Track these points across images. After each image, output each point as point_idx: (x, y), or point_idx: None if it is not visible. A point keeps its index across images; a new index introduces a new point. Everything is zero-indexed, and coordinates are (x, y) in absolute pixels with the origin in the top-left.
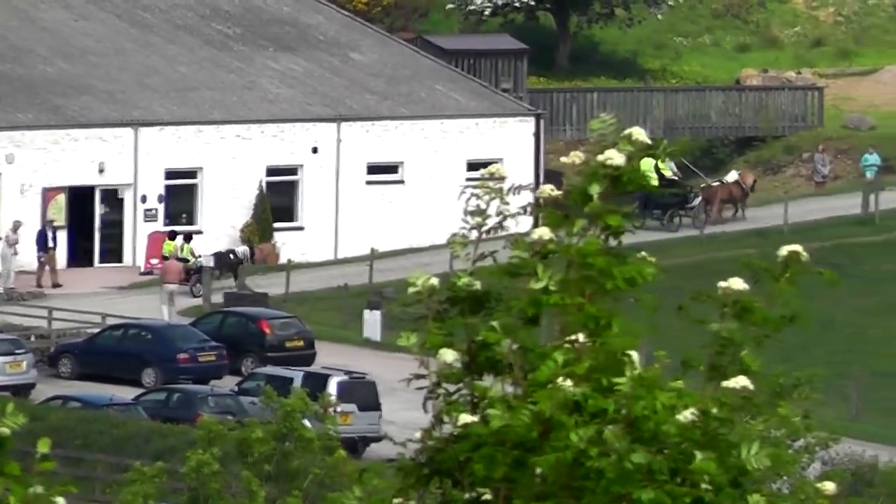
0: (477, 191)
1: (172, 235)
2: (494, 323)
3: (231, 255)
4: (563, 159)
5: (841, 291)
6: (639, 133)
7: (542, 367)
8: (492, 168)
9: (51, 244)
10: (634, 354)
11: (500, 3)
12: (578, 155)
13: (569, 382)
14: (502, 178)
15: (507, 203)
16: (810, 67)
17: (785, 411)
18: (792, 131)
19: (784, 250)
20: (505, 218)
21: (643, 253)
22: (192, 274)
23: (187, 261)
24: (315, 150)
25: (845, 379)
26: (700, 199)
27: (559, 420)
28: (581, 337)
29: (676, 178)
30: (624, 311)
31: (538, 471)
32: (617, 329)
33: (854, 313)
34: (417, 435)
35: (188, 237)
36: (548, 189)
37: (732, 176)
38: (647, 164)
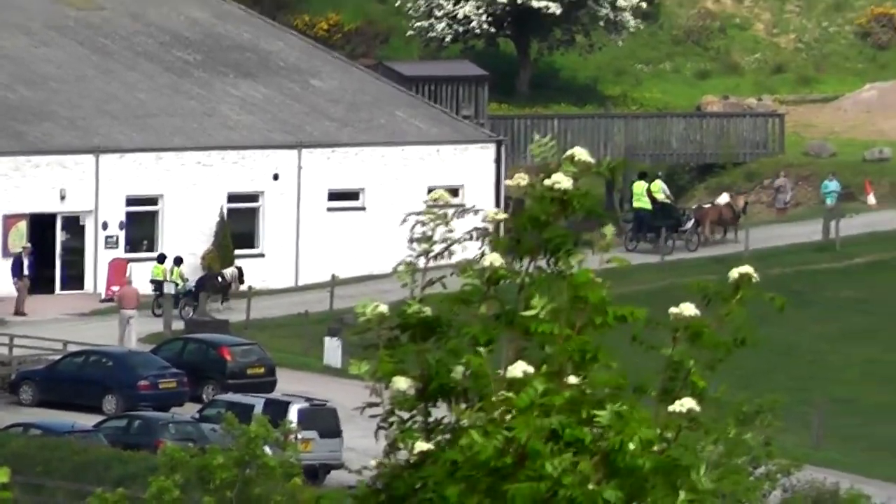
0: (422, 217)
1: (161, 259)
2: (453, 349)
3: (219, 279)
4: (508, 182)
5: (802, 318)
6: (581, 153)
7: (521, 394)
8: (435, 194)
9: (26, 272)
10: None
11: (460, 29)
12: (523, 177)
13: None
14: (448, 205)
15: (451, 230)
16: (771, 94)
17: (734, 431)
18: (753, 158)
19: (735, 272)
20: (451, 244)
21: (598, 279)
22: (181, 297)
23: (176, 284)
24: (276, 177)
25: (807, 406)
26: (693, 221)
27: (535, 448)
28: (567, 369)
29: (669, 200)
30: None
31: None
32: (603, 362)
33: (815, 340)
34: (373, 463)
35: (178, 261)
36: (493, 213)
37: (724, 198)
38: (639, 187)
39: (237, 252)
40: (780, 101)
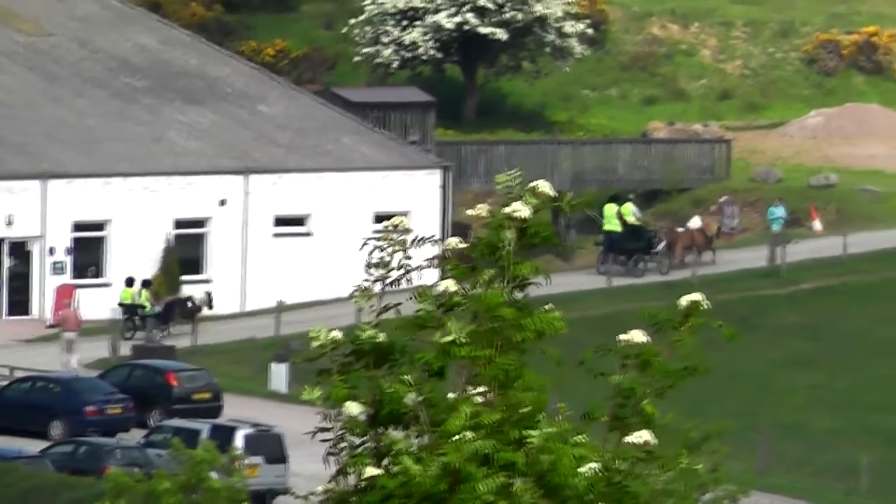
0: (380, 243)
1: (130, 282)
2: (403, 377)
3: (189, 303)
4: (469, 212)
5: (748, 344)
6: (544, 186)
7: (451, 419)
8: (395, 220)
9: None
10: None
11: (407, 55)
12: (484, 207)
13: (472, 435)
14: (406, 231)
15: (409, 257)
16: (717, 120)
17: (686, 462)
18: (699, 184)
19: (684, 300)
20: (408, 270)
21: (549, 305)
22: (147, 320)
23: (144, 307)
24: (223, 203)
25: (753, 431)
26: (664, 244)
27: (468, 472)
28: (490, 389)
29: (640, 223)
30: (530, 365)
31: None
32: (527, 381)
33: (761, 365)
34: (320, 489)
35: (146, 283)
36: (454, 241)
37: (696, 222)
38: (610, 209)
39: (183, 278)
40: (726, 127)
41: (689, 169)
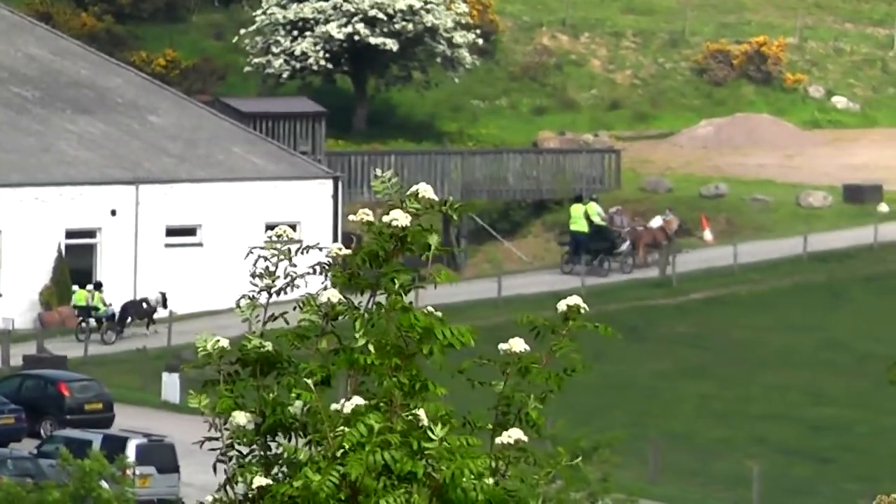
0: (265, 252)
1: (83, 284)
2: (294, 387)
3: (144, 304)
4: (352, 217)
5: (638, 354)
6: (425, 190)
7: (352, 430)
8: (279, 230)
9: None
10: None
11: (297, 66)
12: (366, 212)
13: (372, 446)
14: (290, 241)
15: (294, 265)
16: (607, 130)
17: (563, 456)
18: (589, 194)
19: (563, 304)
20: (293, 279)
21: (430, 308)
22: (102, 322)
23: (98, 309)
24: (113, 213)
25: (643, 441)
26: (628, 243)
27: (367, 484)
28: (392, 399)
29: (605, 223)
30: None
31: None
32: (430, 392)
33: (650, 376)
34: (209, 498)
35: (98, 286)
36: (336, 248)
37: (657, 221)
38: (576, 209)
39: (75, 288)
40: (616, 137)
41: (579, 179)
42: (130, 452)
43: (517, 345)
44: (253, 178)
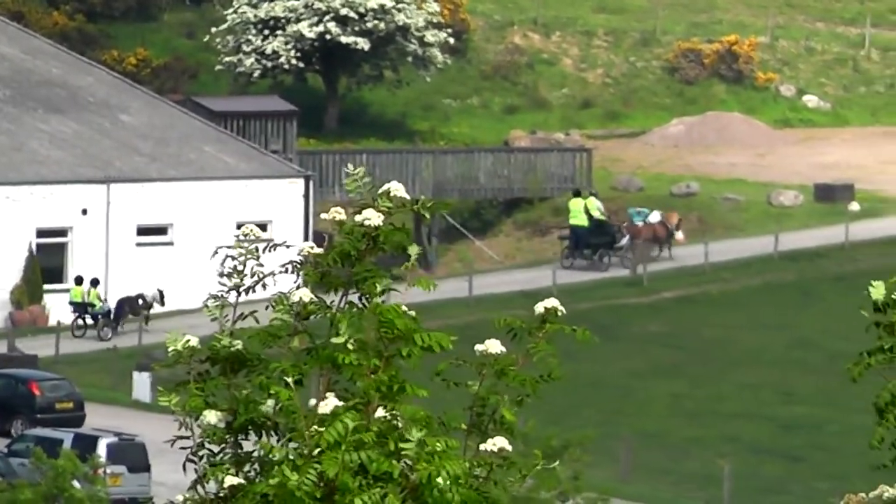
0: (232, 252)
1: (79, 281)
2: (269, 385)
3: (140, 300)
4: (324, 215)
5: (609, 353)
6: (397, 189)
7: (329, 429)
8: (245, 229)
9: None
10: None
11: (269, 65)
12: (339, 211)
13: (348, 445)
14: (258, 239)
15: (262, 264)
16: (579, 129)
17: (539, 459)
18: (560, 193)
19: (540, 306)
20: (262, 278)
21: (403, 307)
22: (98, 318)
23: (94, 305)
24: (85, 212)
25: (615, 440)
26: (628, 238)
27: (343, 482)
28: (369, 399)
29: (605, 218)
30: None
31: None
32: (408, 393)
33: (622, 375)
34: (180, 497)
35: (94, 282)
36: (307, 247)
37: (656, 216)
38: (576, 204)
39: (46, 287)
40: (587, 136)
41: (551, 178)
42: (101, 451)
43: (493, 346)
44: (224, 177)
